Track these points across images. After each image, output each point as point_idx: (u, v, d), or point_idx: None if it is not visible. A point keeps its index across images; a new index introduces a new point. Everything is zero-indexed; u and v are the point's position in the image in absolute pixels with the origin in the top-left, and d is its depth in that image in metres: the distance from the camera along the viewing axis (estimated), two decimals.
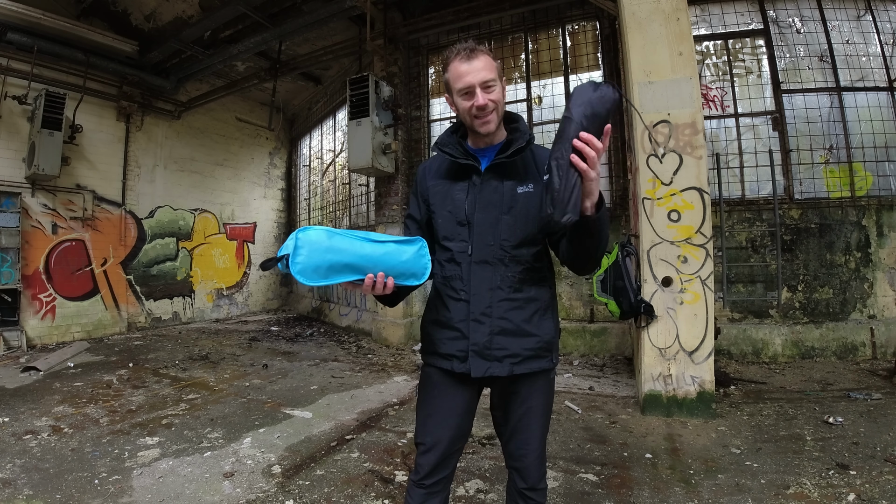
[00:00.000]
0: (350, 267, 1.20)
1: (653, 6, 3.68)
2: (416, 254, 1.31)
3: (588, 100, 1.18)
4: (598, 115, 1.18)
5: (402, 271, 1.28)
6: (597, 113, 1.18)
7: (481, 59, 1.38)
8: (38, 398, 4.18)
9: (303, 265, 1.14)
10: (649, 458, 2.91)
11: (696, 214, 3.54)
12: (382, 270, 1.24)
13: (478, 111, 1.39)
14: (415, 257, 1.30)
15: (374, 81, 5.97)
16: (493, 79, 1.38)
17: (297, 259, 1.14)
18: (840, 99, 5.22)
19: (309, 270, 1.14)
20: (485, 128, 1.42)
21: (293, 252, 1.15)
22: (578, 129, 1.17)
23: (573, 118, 1.19)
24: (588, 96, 1.18)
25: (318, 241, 1.16)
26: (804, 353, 4.92)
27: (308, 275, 1.14)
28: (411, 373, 5.09)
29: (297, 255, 1.15)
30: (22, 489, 2.55)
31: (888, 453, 2.78)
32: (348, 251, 1.19)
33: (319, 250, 1.16)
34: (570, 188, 1.18)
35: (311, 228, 1.19)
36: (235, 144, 10.02)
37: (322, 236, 1.18)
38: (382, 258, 1.24)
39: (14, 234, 6.40)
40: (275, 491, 2.56)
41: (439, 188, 1.52)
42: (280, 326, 8.56)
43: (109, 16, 7.30)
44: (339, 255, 1.18)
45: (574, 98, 1.21)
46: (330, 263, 1.16)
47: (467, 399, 1.51)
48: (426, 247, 1.34)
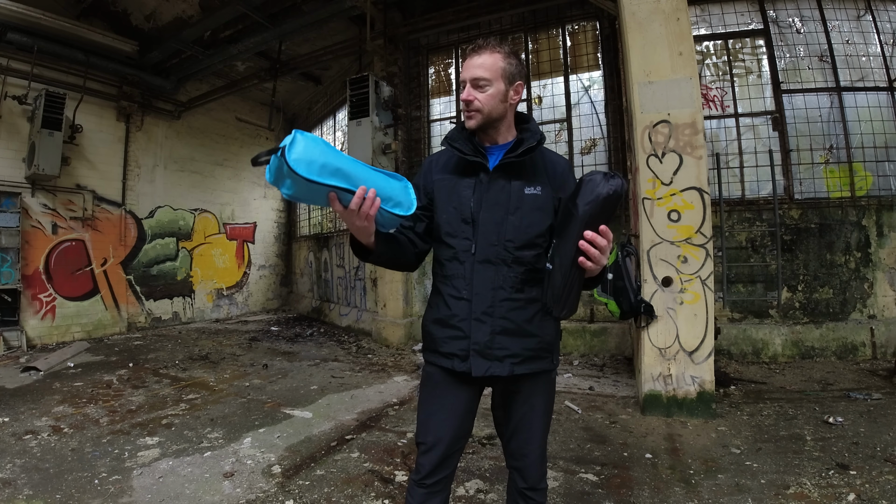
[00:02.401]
0: (341, 172, 1.18)
1: (653, 6, 3.68)
2: (403, 188, 1.31)
3: (597, 196, 1.17)
4: (605, 212, 1.18)
5: (390, 195, 1.26)
6: (604, 211, 1.18)
7: (485, 55, 1.39)
8: (38, 398, 4.18)
9: (298, 155, 1.13)
10: (649, 458, 2.91)
11: (696, 214, 3.54)
12: (371, 187, 1.21)
13: (464, 104, 1.43)
14: (402, 189, 1.30)
15: (374, 81, 5.97)
16: (486, 78, 1.38)
17: (294, 148, 1.13)
18: (840, 99, 5.21)
19: (303, 163, 1.13)
20: (468, 122, 1.45)
21: (290, 143, 1.14)
22: (582, 227, 1.17)
23: (577, 214, 1.18)
24: (597, 192, 1.17)
25: (315, 142, 1.17)
26: (804, 353, 4.92)
27: (302, 167, 1.12)
28: (411, 373, 5.09)
29: (294, 145, 1.14)
30: (22, 489, 2.55)
31: (888, 453, 2.78)
32: (341, 158, 1.20)
33: (316, 149, 1.16)
34: (570, 288, 1.24)
35: (311, 134, 1.20)
36: (235, 144, 10.02)
37: (319, 140, 1.19)
38: (373, 177, 1.24)
39: (14, 234, 6.40)
40: (275, 491, 2.56)
41: (445, 183, 1.50)
42: (280, 326, 8.56)
43: (109, 16, 7.29)
44: (332, 158, 1.17)
45: (582, 191, 1.20)
46: (323, 162, 1.15)
47: (468, 399, 1.51)
48: (411, 186, 1.33)
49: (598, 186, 1.17)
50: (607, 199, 1.17)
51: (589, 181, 1.19)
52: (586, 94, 6.05)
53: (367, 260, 1.39)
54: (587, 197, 1.18)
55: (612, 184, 1.17)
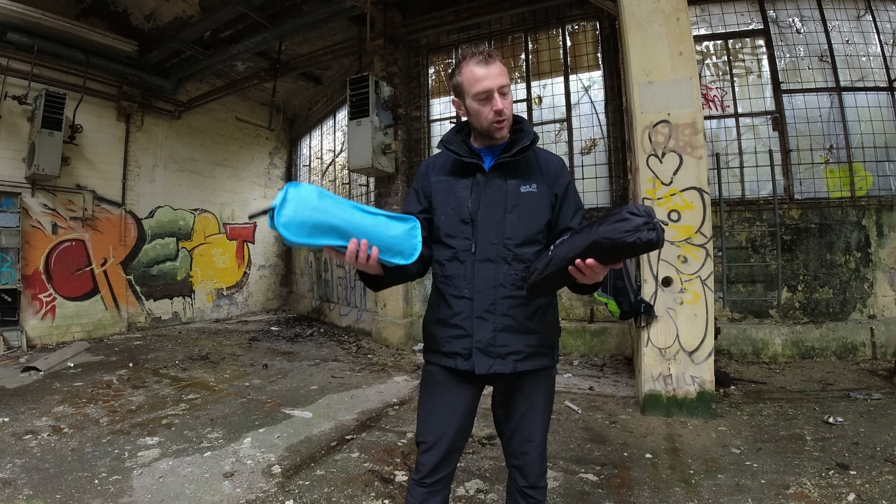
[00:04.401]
0: (336, 230, 1.16)
1: (653, 6, 3.68)
2: (406, 232, 1.28)
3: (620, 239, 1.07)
4: (617, 253, 1.10)
5: (389, 246, 1.24)
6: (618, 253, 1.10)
7: (498, 64, 1.40)
8: (38, 398, 4.18)
9: (288, 219, 1.11)
10: (649, 458, 2.91)
11: (696, 214, 3.54)
12: (368, 240, 1.20)
13: (496, 116, 1.40)
14: (405, 235, 1.27)
15: (374, 81, 5.97)
16: (508, 84, 1.41)
17: (284, 212, 1.11)
18: (840, 99, 5.21)
19: (293, 225, 1.11)
20: (500, 133, 1.44)
21: (280, 204, 1.12)
22: (588, 250, 1.12)
23: (592, 236, 1.11)
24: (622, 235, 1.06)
25: (308, 198, 1.14)
26: (804, 353, 4.92)
27: (292, 230, 1.11)
28: (411, 373, 5.09)
29: (283, 207, 1.12)
30: (22, 489, 2.55)
31: (888, 453, 2.78)
32: (336, 214, 1.17)
33: (307, 207, 1.13)
34: (549, 280, 1.25)
35: (304, 185, 1.16)
36: (235, 144, 10.02)
37: (312, 194, 1.15)
38: (370, 228, 1.21)
39: (14, 234, 6.40)
40: (275, 491, 2.56)
41: (443, 185, 1.52)
42: (280, 326, 8.56)
43: (109, 16, 7.30)
44: (326, 216, 1.15)
45: (615, 220, 1.09)
46: (315, 222, 1.13)
47: (469, 397, 1.52)
48: (419, 228, 1.32)
49: (626, 231, 1.06)
50: (626, 246, 1.07)
51: (626, 219, 1.08)
52: (586, 94, 6.05)
53: (378, 289, 1.42)
54: (612, 231, 1.09)
55: (640, 236, 1.05)
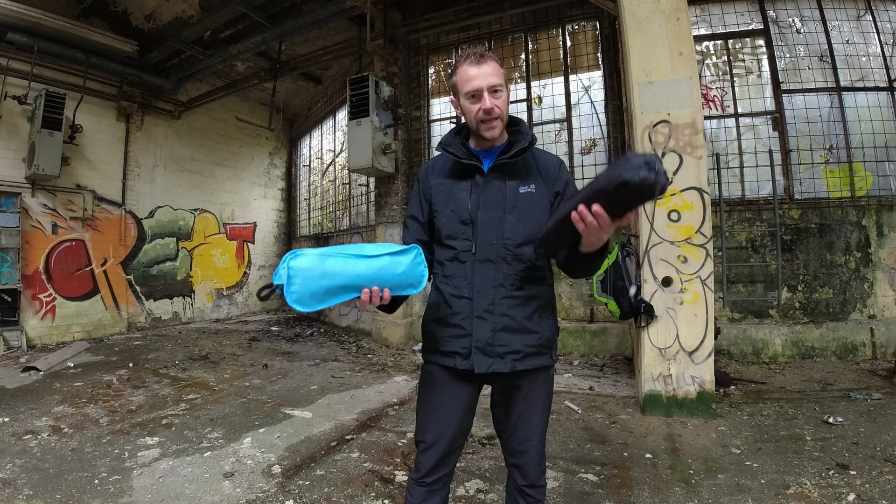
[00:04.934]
0: (346, 288, 1.19)
1: (653, 6, 3.68)
2: (411, 263, 1.30)
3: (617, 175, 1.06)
4: (617, 194, 1.08)
5: (399, 283, 1.28)
6: (617, 193, 1.08)
7: (490, 64, 1.40)
8: (38, 398, 4.18)
9: (298, 294, 1.14)
10: (649, 458, 2.91)
11: (696, 214, 3.54)
12: (378, 286, 1.24)
13: (484, 115, 1.41)
14: (410, 267, 1.30)
15: (374, 81, 5.97)
16: (501, 84, 1.41)
17: (292, 289, 1.14)
18: (840, 99, 5.22)
19: (306, 298, 1.14)
20: (489, 132, 1.44)
21: (287, 282, 1.14)
22: (590, 194, 1.12)
23: (596, 181, 1.12)
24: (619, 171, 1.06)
25: (311, 268, 1.15)
26: (804, 353, 4.92)
27: (305, 302, 1.14)
28: (411, 373, 5.08)
29: (291, 284, 1.14)
30: (22, 489, 2.55)
31: (888, 453, 2.78)
32: (342, 273, 1.18)
33: (313, 277, 1.15)
34: (554, 232, 1.26)
35: (302, 254, 1.17)
36: (235, 144, 10.02)
37: (314, 262, 1.16)
38: (378, 274, 1.23)
39: (14, 234, 6.40)
40: (275, 491, 2.56)
41: (442, 187, 1.53)
42: (280, 326, 8.56)
43: (109, 16, 7.30)
44: (333, 279, 1.17)
45: (617, 163, 1.11)
46: (326, 288, 1.15)
47: (468, 396, 1.52)
48: (422, 254, 1.34)
49: (625, 168, 1.05)
50: (624, 185, 1.05)
51: (626, 158, 1.08)
52: (586, 94, 6.05)
53: (392, 312, 1.47)
54: (612, 170, 1.09)
55: (640, 175, 1.03)
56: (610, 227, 1.14)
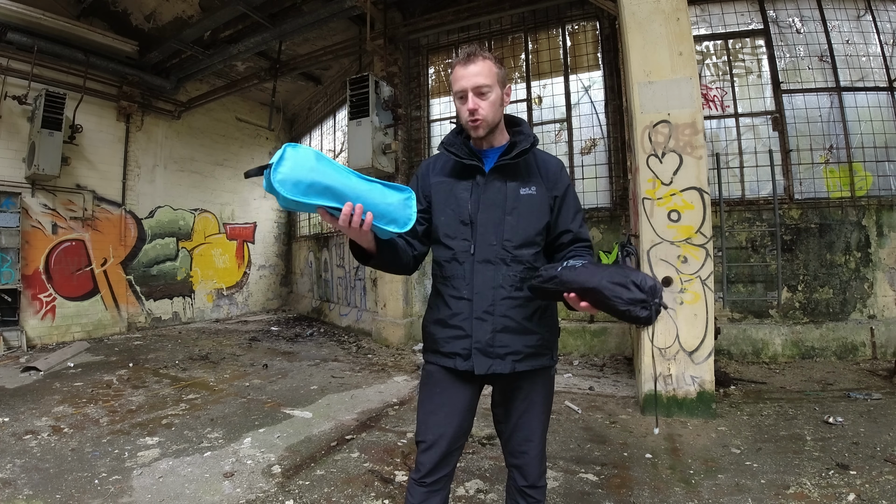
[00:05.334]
0: (331, 191, 1.16)
1: (653, 6, 3.68)
2: (402, 202, 1.28)
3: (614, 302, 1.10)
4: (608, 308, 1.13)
5: (384, 213, 1.24)
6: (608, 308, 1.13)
7: (479, 64, 1.39)
8: (38, 398, 4.18)
9: (284, 176, 1.11)
10: (649, 458, 2.91)
11: (696, 214, 3.54)
12: (363, 205, 1.20)
13: (469, 115, 1.41)
14: (400, 204, 1.27)
15: (374, 81, 5.97)
16: (488, 85, 1.39)
17: (280, 168, 1.12)
18: (840, 99, 5.21)
19: (289, 183, 1.12)
20: (474, 133, 1.44)
21: (277, 161, 1.12)
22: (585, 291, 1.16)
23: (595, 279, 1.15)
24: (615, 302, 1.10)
25: (305, 158, 1.14)
26: (804, 353, 4.92)
27: (287, 187, 1.11)
28: (411, 373, 5.08)
29: (280, 164, 1.12)
30: (22, 489, 2.55)
31: (888, 453, 2.78)
32: (333, 176, 1.17)
33: (304, 167, 1.14)
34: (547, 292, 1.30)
35: (302, 146, 1.17)
36: (235, 144, 10.02)
37: (310, 155, 1.16)
38: (366, 193, 1.21)
39: (14, 234, 6.40)
40: (275, 491, 2.56)
41: (443, 186, 1.53)
42: (280, 326, 8.56)
43: (109, 16, 7.30)
44: (322, 177, 1.15)
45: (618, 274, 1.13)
46: (311, 182, 1.13)
47: (469, 396, 1.52)
48: (414, 199, 1.31)
49: (622, 299, 1.10)
50: (618, 311, 1.11)
51: (629, 288, 1.11)
52: (586, 94, 6.05)
53: (367, 264, 1.40)
54: (611, 290, 1.11)
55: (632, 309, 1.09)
56: (595, 313, 1.23)
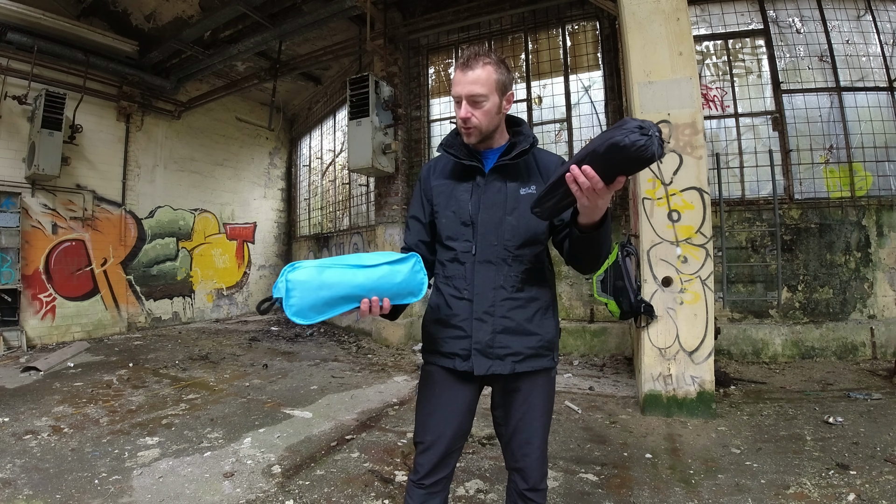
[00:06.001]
0: (345, 298, 1.19)
1: (653, 6, 3.68)
2: (410, 272, 1.29)
3: (609, 138, 1.06)
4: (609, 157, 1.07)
5: (398, 292, 1.27)
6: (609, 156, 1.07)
7: (478, 70, 1.35)
8: (38, 398, 4.18)
9: (297, 307, 1.14)
10: (649, 458, 2.91)
11: (696, 214, 3.54)
12: (377, 295, 1.23)
13: (461, 122, 1.41)
14: (409, 276, 1.29)
15: (374, 81, 5.97)
16: (483, 94, 1.35)
17: (291, 301, 1.14)
18: (840, 99, 5.22)
19: (305, 310, 1.14)
20: (466, 139, 1.45)
21: (286, 295, 1.15)
22: (584, 157, 1.11)
23: (591, 143, 1.12)
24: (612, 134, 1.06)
25: (309, 280, 1.15)
26: (804, 353, 4.92)
27: (305, 314, 1.14)
28: (411, 373, 5.09)
29: (290, 297, 1.14)
30: (22, 489, 2.55)
31: (888, 453, 2.78)
32: (341, 284, 1.18)
33: (311, 289, 1.15)
34: (550, 195, 1.23)
35: (300, 266, 1.17)
36: (235, 144, 10.02)
37: (312, 274, 1.16)
38: (377, 284, 1.23)
39: (14, 234, 6.40)
40: (275, 491, 2.56)
41: (443, 188, 1.53)
42: (280, 326, 8.56)
43: (109, 16, 7.30)
44: (332, 290, 1.17)
45: (612, 127, 1.10)
46: (324, 300, 1.15)
47: (468, 397, 1.51)
48: (420, 262, 1.33)
49: (618, 130, 1.05)
50: (616, 147, 1.04)
51: (622, 122, 1.07)
52: (586, 94, 6.05)
53: (395, 319, 1.44)
54: (605, 134, 1.08)
55: (632, 138, 1.01)
56: (605, 192, 1.12)
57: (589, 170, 1.09)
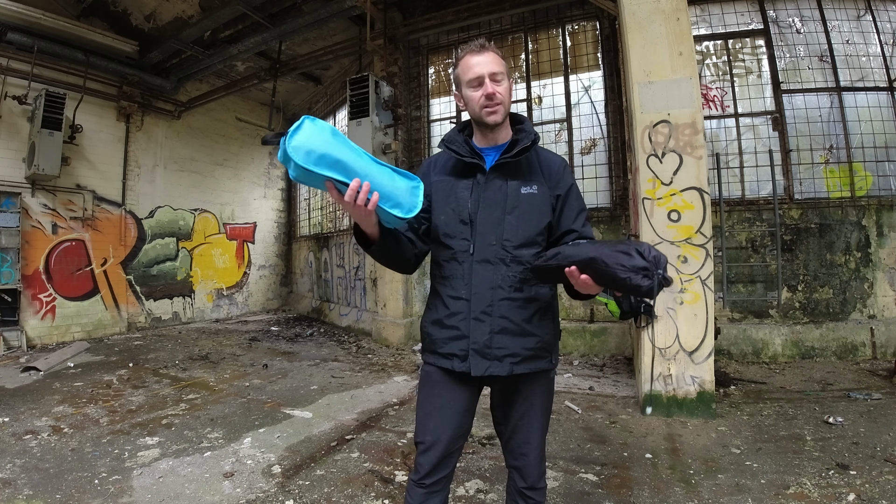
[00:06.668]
0: (341, 165, 1.19)
1: (653, 6, 3.68)
2: (409, 188, 1.29)
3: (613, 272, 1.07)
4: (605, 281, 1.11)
5: (391, 195, 1.25)
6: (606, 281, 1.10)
7: (490, 53, 1.42)
8: (38, 398, 4.18)
9: (298, 143, 1.15)
10: (649, 458, 2.91)
11: (696, 214, 3.54)
12: (370, 183, 1.21)
13: (486, 100, 1.40)
14: (408, 190, 1.29)
15: (374, 81, 5.96)
16: (502, 72, 1.42)
17: (296, 136, 1.16)
18: (840, 99, 5.21)
19: (302, 151, 1.15)
20: (492, 117, 1.42)
21: (295, 129, 1.17)
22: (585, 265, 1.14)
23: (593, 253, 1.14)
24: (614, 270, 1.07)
25: (321, 131, 1.19)
26: (804, 353, 4.91)
27: (300, 154, 1.15)
28: (411, 373, 5.08)
29: (297, 132, 1.16)
30: (22, 489, 2.55)
31: (888, 453, 2.78)
32: (345, 151, 1.20)
33: (319, 139, 1.17)
34: (547, 271, 1.30)
35: (320, 121, 1.21)
36: (235, 144, 10.02)
37: (326, 129, 1.20)
38: (375, 174, 1.23)
39: (14, 234, 6.40)
40: (275, 491, 2.56)
41: (443, 185, 1.52)
42: (280, 326, 8.56)
43: (109, 16, 7.30)
44: (334, 150, 1.18)
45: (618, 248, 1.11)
46: (323, 152, 1.16)
47: (467, 398, 1.51)
48: (422, 188, 1.32)
49: (623, 266, 1.07)
50: (618, 280, 1.08)
51: (630, 255, 1.08)
52: (586, 94, 6.05)
53: (367, 250, 1.41)
54: (611, 258, 1.09)
55: (632, 277, 1.05)
56: (597, 289, 1.19)
57: (587, 278, 1.17)
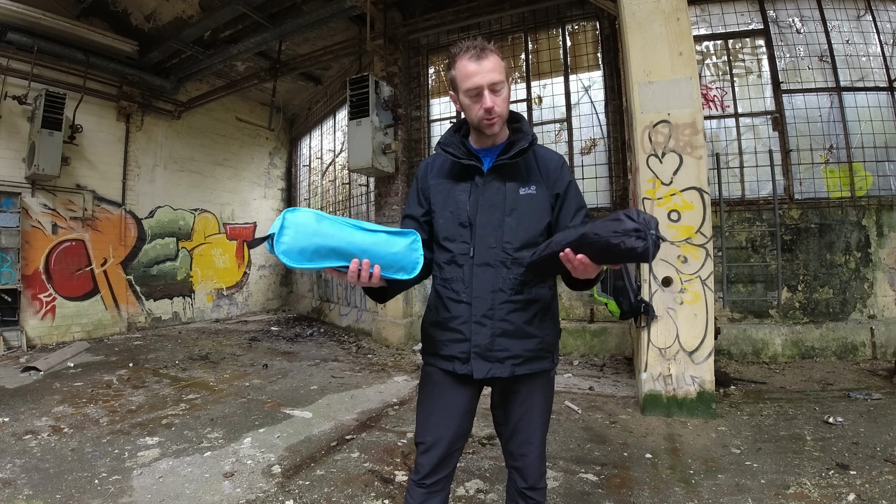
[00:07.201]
0: (336, 252, 1.16)
1: (653, 6, 3.68)
2: (407, 247, 1.28)
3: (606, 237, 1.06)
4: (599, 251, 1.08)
5: (391, 263, 1.24)
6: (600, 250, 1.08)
7: (491, 59, 1.36)
8: (38, 398, 4.18)
9: (287, 246, 1.11)
10: (649, 458, 2.91)
11: (696, 214, 3.54)
12: (370, 259, 1.20)
13: (485, 113, 1.37)
14: (406, 250, 1.27)
15: (374, 81, 5.97)
16: (502, 81, 1.37)
17: (282, 239, 1.11)
18: (840, 99, 5.21)
19: (293, 252, 1.11)
20: (490, 129, 1.41)
21: (279, 232, 1.12)
22: (576, 242, 1.12)
23: (582, 228, 1.13)
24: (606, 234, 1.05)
25: (306, 224, 1.14)
26: (804, 353, 4.92)
27: (292, 256, 1.11)
28: (411, 373, 5.08)
29: (282, 234, 1.12)
30: (22, 489, 2.55)
31: (888, 453, 2.78)
32: (336, 236, 1.16)
33: (306, 233, 1.13)
34: (542, 262, 1.27)
35: (301, 210, 1.16)
36: (235, 144, 10.02)
37: (310, 219, 1.15)
38: (371, 247, 1.21)
39: (14, 234, 6.40)
40: (275, 491, 2.56)
41: (441, 188, 1.51)
42: (280, 326, 8.56)
43: (109, 16, 7.29)
44: (326, 240, 1.15)
45: (607, 219, 1.09)
46: (316, 247, 1.13)
47: (468, 398, 1.51)
48: (419, 241, 1.32)
49: (614, 232, 1.05)
50: (610, 247, 1.06)
51: (619, 220, 1.06)
52: (586, 94, 6.05)
53: (384, 301, 1.42)
54: (602, 228, 1.08)
55: (625, 241, 1.03)
56: (596, 270, 1.16)
57: (583, 257, 1.13)
